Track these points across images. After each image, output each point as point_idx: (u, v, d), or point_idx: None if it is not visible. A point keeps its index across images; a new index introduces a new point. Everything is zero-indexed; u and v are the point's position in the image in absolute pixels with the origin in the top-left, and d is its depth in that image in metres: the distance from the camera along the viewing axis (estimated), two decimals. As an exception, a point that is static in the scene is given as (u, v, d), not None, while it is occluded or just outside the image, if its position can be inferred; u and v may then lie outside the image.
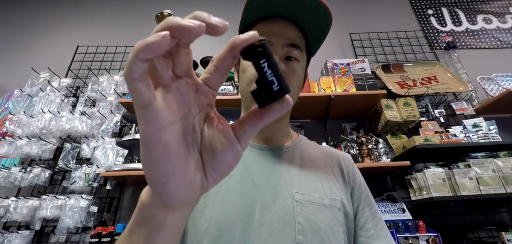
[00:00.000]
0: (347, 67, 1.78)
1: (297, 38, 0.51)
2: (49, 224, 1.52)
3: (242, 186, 0.48)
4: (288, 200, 0.46)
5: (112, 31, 2.34)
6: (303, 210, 0.45)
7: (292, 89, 0.50)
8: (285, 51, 0.50)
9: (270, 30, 0.50)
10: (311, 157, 0.56)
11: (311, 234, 0.43)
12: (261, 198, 0.46)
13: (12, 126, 1.64)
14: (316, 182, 0.50)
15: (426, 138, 1.43)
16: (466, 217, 1.50)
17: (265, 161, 0.52)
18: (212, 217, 0.44)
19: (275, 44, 0.49)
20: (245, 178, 0.49)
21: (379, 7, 2.44)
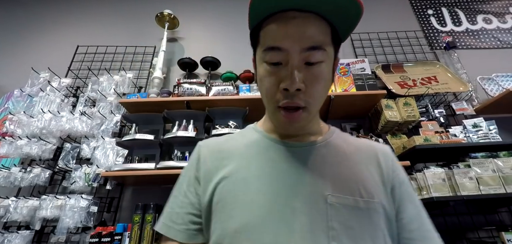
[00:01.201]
0: (347, 67, 1.78)
1: (319, 34, 0.42)
2: (49, 224, 1.52)
3: (271, 187, 0.44)
4: (320, 203, 0.42)
5: (112, 31, 2.34)
6: (337, 214, 0.41)
7: (317, 95, 0.44)
8: (305, 56, 0.42)
9: (284, 33, 0.41)
10: (344, 153, 0.50)
11: (346, 240, 0.39)
12: (291, 200, 0.43)
13: (12, 126, 1.64)
14: (351, 182, 0.45)
15: (426, 138, 1.43)
16: (466, 217, 1.50)
17: (295, 159, 0.47)
18: (241, 220, 0.42)
19: (291, 51, 0.41)
20: (274, 178, 0.45)
21: (379, 7, 2.44)
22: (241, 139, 0.55)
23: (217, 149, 0.53)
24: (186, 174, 0.53)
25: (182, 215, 0.48)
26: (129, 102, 1.62)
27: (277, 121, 0.48)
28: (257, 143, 0.52)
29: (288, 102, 0.43)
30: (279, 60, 0.43)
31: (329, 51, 0.44)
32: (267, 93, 0.45)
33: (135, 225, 1.31)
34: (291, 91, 0.42)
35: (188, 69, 2.01)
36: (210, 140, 0.56)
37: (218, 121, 1.65)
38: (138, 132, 1.51)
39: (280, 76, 0.43)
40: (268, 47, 0.43)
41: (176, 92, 1.67)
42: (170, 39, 2.24)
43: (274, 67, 0.43)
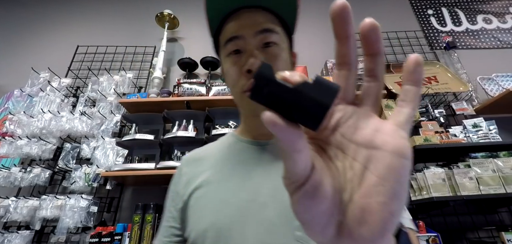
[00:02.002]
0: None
1: (268, 21, 0.47)
2: (49, 224, 1.52)
3: (240, 185, 0.47)
4: (286, 196, 0.44)
5: (112, 31, 2.34)
6: None
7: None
8: (259, 39, 0.46)
9: (237, 25, 0.47)
10: None
11: None
12: (259, 196, 0.45)
13: (12, 126, 1.65)
14: None
15: (426, 138, 1.43)
16: (466, 217, 1.50)
17: (264, 157, 0.51)
18: (210, 219, 0.44)
19: (247, 36, 0.46)
20: (243, 177, 0.48)
21: (379, 7, 2.44)
22: (218, 145, 0.58)
23: (195, 159, 0.56)
24: (171, 189, 0.56)
25: (167, 228, 0.52)
26: (129, 102, 1.62)
27: (246, 104, 0.50)
28: (230, 147, 0.55)
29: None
30: (238, 48, 0.47)
31: (282, 35, 0.49)
32: (233, 82, 0.48)
33: (135, 225, 1.31)
34: (253, 69, 0.45)
35: (188, 69, 2.00)
36: (191, 152, 0.59)
37: (218, 121, 1.65)
38: (138, 132, 1.51)
39: (242, 62, 0.46)
40: (227, 39, 0.47)
41: (176, 92, 1.67)
42: (170, 39, 2.24)
43: (235, 56, 0.47)
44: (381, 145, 0.17)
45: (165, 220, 0.53)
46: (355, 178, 0.17)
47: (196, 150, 0.60)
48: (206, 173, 0.51)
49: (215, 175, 0.50)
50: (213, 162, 0.53)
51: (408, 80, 0.18)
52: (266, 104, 0.16)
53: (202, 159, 0.55)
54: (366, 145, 0.17)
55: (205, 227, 0.44)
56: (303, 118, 0.15)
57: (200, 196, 0.48)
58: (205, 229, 0.44)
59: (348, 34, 0.18)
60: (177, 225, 0.51)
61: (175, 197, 0.53)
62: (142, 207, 1.36)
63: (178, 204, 0.51)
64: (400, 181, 0.16)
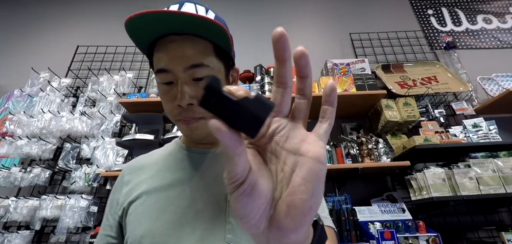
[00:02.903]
0: (347, 67, 1.78)
1: (198, 53, 0.45)
2: (49, 224, 1.52)
3: (179, 193, 0.48)
4: (221, 202, 0.47)
5: (112, 31, 2.34)
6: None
7: None
8: (189, 74, 0.45)
9: (166, 56, 0.44)
10: None
11: (240, 232, 0.44)
12: (195, 202, 0.46)
13: (12, 126, 1.65)
14: None
15: (426, 138, 1.43)
16: (466, 217, 1.50)
17: (204, 165, 0.52)
18: (147, 225, 0.45)
19: (176, 71, 0.44)
20: (182, 185, 0.49)
21: (379, 7, 2.44)
22: (161, 153, 0.58)
23: (137, 167, 0.55)
24: (110, 196, 0.56)
25: (103, 237, 0.51)
26: (129, 102, 1.62)
27: (182, 131, 0.51)
28: (173, 154, 0.56)
29: (184, 116, 0.47)
30: (169, 80, 0.46)
31: (214, 65, 0.47)
32: (166, 110, 0.49)
33: (135, 225, 1.31)
34: (183, 106, 0.45)
35: (188, 69, 2.00)
36: (135, 159, 0.59)
37: (218, 121, 1.65)
38: (138, 132, 1.51)
39: (173, 93, 0.46)
40: (158, 70, 0.46)
41: (176, 92, 1.67)
42: (170, 39, 2.24)
43: (167, 86, 0.47)
44: (305, 152, 0.20)
45: (102, 227, 0.53)
46: (285, 179, 0.20)
47: (140, 158, 0.59)
48: (147, 182, 0.51)
49: (155, 184, 0.50)
50: (154, 171, 0.53)
51: (325, 102, 0.22)
52: (213, 112, 0.18)
53: (144, 167, 0.55)
54: (294, 152, 0.20)
55: (141, 234, 0.44)
56: (243, 127, 0.18)
57: (139, 204, 0.48)
58: (141, 235, 0.44)
59: (285, 58, 0.20)
60: (113, 234, 0.51)
61: (114, 206, 0.52)
62: (142, 207, 1.36)
63: (117, 212, 0.51)
64: (318, 181, 0.19)
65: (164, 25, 0.44)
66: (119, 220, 0.50)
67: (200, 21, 0.43)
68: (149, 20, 0.42)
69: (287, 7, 2.45)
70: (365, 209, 1.41)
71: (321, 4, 2.47)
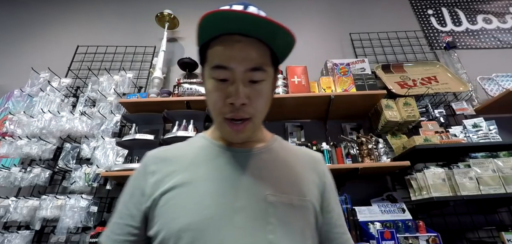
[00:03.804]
0: (347, 67, 1.78)
1: (260, 57, 0.47)
2: (49, 224, 1.52)
3: (216, 188, 0.48)
4: (260, 202, 0.47)
5: (112, 31, 2.34)
6: (276, 211, 0.47)
7: (260, 108, 0.50)
8: (248, 76, 0.47)
9: (229, 54, 0.46)
10: (283, 159, 0.57)
11: (282, 233, 0.45)
12: (234, 200, 0.47)
13: (12, 126, 1.64)
14: (288, 183, 0.52)
15: (426, 138, 1.43)
16: (466, 217, 1.50)
17: (240, 164, 0.52)
18: (185, 219, 0.44)
19: (236, 71, 0.46)
20: (219, 181, 0.49)
21: (379, 7, 2.44)
22: (189, 147, 0.58)
23: (162, 158, 0.55)
24: (131, 185, 0.54)
25: (122, 226, 0.50)
26: (129, 102, 1.62)
27: (224, 131, 0.52)
28: (205, 150, 0.56)
29: (234, 115, 0.48)
30: (225, 77, 0.47)
31: (269, 71, 0.50)
32: (214, 106, 0.49)
33: (135, 225, 1.31)
34: (237, 105, 0.47)
35: (188, 69, 2.00)
36: (157, 150, 0.58)
37: (218, 121, 1.65)
38: (138, 132, 1.51)
39: (227, 91, 0.47)
40: (216, 65, 0.47)
41: (176, 92, 1.67)
42: (170, 39, 2.24)
43: (221, 83, 0.48)
44: None
45: (119, 217, 0.52)
46: None
47: (163, 149, 0.58)
48: (179, 175, 0.50)
49: (189, 177, 0.50)
50: (186, 164, 0.52)
51: None
52: None
53: (171, 159, 0.54)
54: None
55: (179, 228, 0.44)
56: None
57: (173, 196, 0.47)
58: (180, 229, 0.44)
59: None
60: (135, 223, 0.50)
61: (137, 195, 0.51)
62: (142, 207, 1.36)
63: (143, 202, 0.50)
64: None
65: (238, 25, 0.45)
66: (144, 210, 0.49)
67: (276, 27, 0.44)
68: (230, 17, 0.44)
69: (287, 7, 2.45)
70: (365, 209, 1.41)
71: (321, 4, 2.47)
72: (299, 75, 1.70)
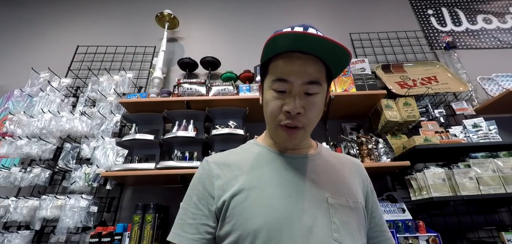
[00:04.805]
0: (347, 67, 1.78)
1: (317, 72, 0.53)
2: (49, 224, 1.52)
3: (283, 192, 0.53)
4: (323, 203, 0.52)
5: (112, 31, 2.34)
6: (336, 212, 0.52)
7: (313, 119, 0.55)
8: (305, 88, 0.52)
9: (290, 69, 0.52)
10: (332, 164, 0.63)
11: (344, 232, 0.50)
12: (301, 202, 0.51)
13: (12, 126, 1.64)
14: (342, 186, 0.57)
15: (426, 138, 1.43)
16: (466, 217, 1.50)
17: (297, 168, 0.57)
18: (260, 220, 0.49)
19: (295, 83, 0.52)
20: (284, 185, 0.54)
21: (379, 7, 2.44)
22: (246, 153, 0.63)
23: (225, 164, 0.60)
24: (196, 188, 0.58)
25: (196, 226, 0.54)
26: (129, 102, 1.62)
27: (278, 136, 0.57)
28: (262, 156, 0.61)
29: (289, 123, 0.54)
30: (284, 89, 0.53)
31: (323, 85, 0.55)
32: (272, 113, 0.55)
33: (135, 225, 1.31)
34: (293, 114, 0.52)
35: (188, 69, 2.01)
36: (215, 156, 0.63)
37: (218, 121, 1.65)
38: (138, 132, 1.51)
39: (284, 101, 0.53)
40: (277, 78, 0.54)
41: (176, 92, 1.67)
42: (170, 39, 2.24)
43: (280, 94, 0.54)
44: None
45: (191, 218, 0.54)
46: None
47: (221, 155, 0.64)
48: (244, 178, 0.55)
49: (254, 181, 0.55)
50: (247, 169, 0.57)
51: None
52: None
53: (232, 165, 0.59)
54: None
55: (256, 228, 0.48)
56: None
57: (243, 199, 0.52)
58: (257, 229, 0.48)
59: None
60: (212, 223, 0.54)
61: (206, 196, 0.55)
62: (142, 207, 1.36)
63: (213, 203, 0.54)
64: None
65: (299, 44, 0.51)
66: (215, 211, 0.54)
67: (333, 45, 0.49)
68: (292, 38, 0.51)
69: (287, 7, 2.45)
70: (365, 209, 1.41)
71: (321, 4, 2.47)
72: (299, 75, 1.70)
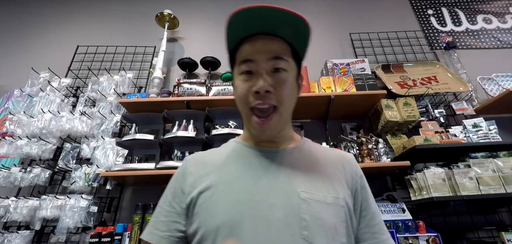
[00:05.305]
0: (347, 67, 1.78)
1: (281, 49, 0.53)
2: (49, 224, 1.52)
3: (251, 187, 0.51)
4: (293, 198, 0.49)
5: (112, 31, 2.34)
6: (309, 208, 0.48)
7: (285, 96, 0.53)
8: (270, 64, 0.52)
9: (253, 49, 0.52)
10: (315, 158, 0.59)
11: (315, 229, 0.46)
12: (269, 197, 0.49)
13: (12, 126, 1.64)
14: (320, 181, 0.53)
15: (426, 138, 1.43)
16: (466, 217, 1.50)
17: (272, 162, 0.55)
18: (223, 216, 0.47)
19: (260, 61, 0.51)
20: (252, 179, 0.52)
21: (379, 7, 2.44)
22: (223, 150, 0.62)
23: (201, 161, 0.59)
24: (172, 186, 0.58)
25: (167, 223, 0.53)
26: (129, 102, 1.62)
27: (251, 125, 0.55)
28: (236, 152, 0.60)
29: (260, 103, 0.51)
30: (250, 69, 0.52)
31: (291, 63, 0.54)
32: (241, 97, 0.53)
33: (135, 225, 1.31)
34: (262, 92, 0.50)
35: (188, 69, 2.00)
36: (196, 154, 0.63)
37: (218, 121, 1.65)
38: (138, 132, 1.51)
39: (252, 82, 0.52)
40: (242, 60, 0.53)
41: (176, 92, 1.67)
42: (170, 39, 2.24)
43: (247, 75, 0.53)
44: None
45: (164, 215, 0.54)
46: None
47: (201, 153, 0.63)
48: (213, 175, 0.54)
49: (223, 177, 0.53)
50: (219, 165, 0.56)
51: None
52: None
53: (207, 162, 0.58)
54: None
55: (218, 225, 0.46)
56: None
57: (210, 195, 0.50)
58: (218, 226, 0.46)
59: None
60: (182, 221, 0.53)
61: (179, 194, 0.55)
62: (142, 207, 1.36)
63: (183, 200, 0.53)
64: None
65: (258, 21, 0.51)
66: (185, 208, 0.53)
67: (293, 16, 0.50)
68: (251, 13, 0.50)
69: (287, 7, 2.45)
70: (365, 209, 1.41)
71: (321, 4, 2.47)
72: (299, 75, 1.70)
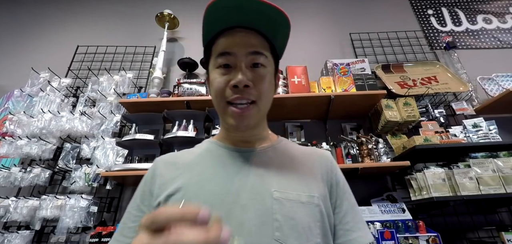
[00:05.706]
0: (347, 67, 1.78)
1: (260, 44, 0.51)
2: (49, 224, 1.52)
3: (222, 188, 0.49)
4: (266, 199, 0.48)
5: (112, 31, 2.34)
6: (281, 208, 0.47)
7: (263, 91, 0.51)
8: (250, 59, 0.50)
9: (232, 41, 0.50)
10: (290, 157, 0.58)
11: (288, 230, 0.45)
12: (240, 198, 0.47)
13: (12, 126, 1.64)
14: (294, 180, 0.52)
15: (426, 138, 1.43)
16: (466, 217, 1.50)
17: (245, 162, 0.53)
18: None
19: (238, 54, 0.49)
20: (224, 180, 0.50)
21: (379, 7, 2.44)
22: (196, 150, 0.60)
23: (172, 162, 0.57)
24: (141, 189, 0.56)
25: (134, 229, 0.50)
26: (129, 102, 1.62)
27: (228, 117, 0.51)
28: (209, 152, 0.58)
29: (238, 98, 0.49)
30: (228, 62, 0.50)
31: (269, 59, 0.53)
32: (217, 91, 0.50)
33: (135, 225, 1.31)
34: (240, 87, 0.48)
35: (188, 69, 2.01)
36: (166, 155, 0.60)
37: (218, 121, 1.65)
38: (138, 132, 1.51)
39: (230, 76, 0.49)
40: (220, 53, 0.50)
41: (176, 92, 1.67)
42: (170, 39, 2.24)
43: (224, 69, 0.50)
44: None
45: (132, 220, 0.51)
46: None
47: (172, 154, 0.61)
48: (183, 176, 0.52)
49: (194, 179, 0.51)
50: (191, 166, 0.54)
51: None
52: None
53: (178, 163, 0.55)
54: None
55: None
56: None
57: (179, 199, 0.48)
58: None
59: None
60: None
61: (148, 196, 0.52)
62: (142, 207, 1.36)
63: (152, 203, 0.51)
64: None
65: (237, 14, 0.48)
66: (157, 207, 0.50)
67: (273, 10, 0.48)
68: (229, 4, 0.47)
69: (287, 7, 2.44)
70: (365, 209, 1.41)
71: (321, 4, 2.47)
72: (299, 75, 1.70)
